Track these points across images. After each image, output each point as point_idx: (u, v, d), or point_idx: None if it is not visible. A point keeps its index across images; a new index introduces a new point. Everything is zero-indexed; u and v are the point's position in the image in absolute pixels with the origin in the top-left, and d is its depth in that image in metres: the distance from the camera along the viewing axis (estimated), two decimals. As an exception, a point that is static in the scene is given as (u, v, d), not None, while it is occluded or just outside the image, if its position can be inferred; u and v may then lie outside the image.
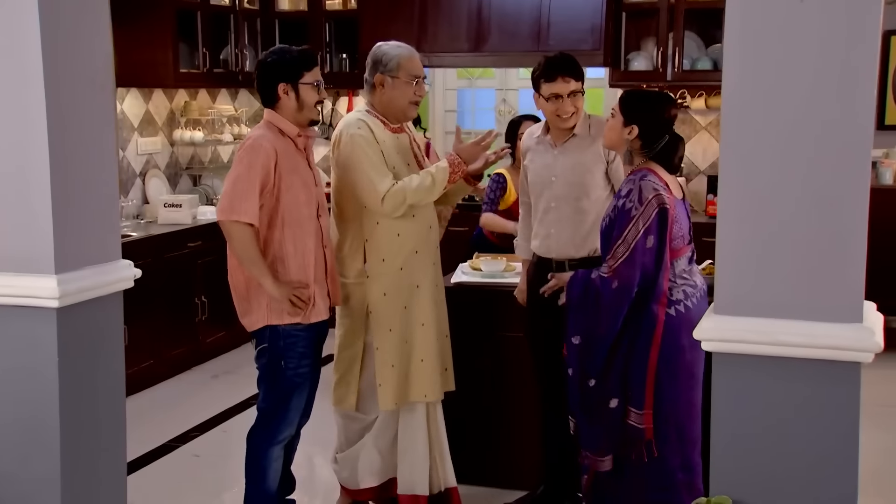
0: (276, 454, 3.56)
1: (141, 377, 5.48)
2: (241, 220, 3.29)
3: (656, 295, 3.17)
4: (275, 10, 6.94)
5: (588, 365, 3.26)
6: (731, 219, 2.29)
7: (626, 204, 3.17)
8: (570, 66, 3.62)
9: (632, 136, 3.26)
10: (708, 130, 6.51)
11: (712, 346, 2.32)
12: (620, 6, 6.29)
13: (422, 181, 3.51)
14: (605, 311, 3.20)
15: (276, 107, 3.44)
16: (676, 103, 3.37)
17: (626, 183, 3.25)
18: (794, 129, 2.22)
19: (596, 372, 3.24)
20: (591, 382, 3.26)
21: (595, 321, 3.23)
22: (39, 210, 2.66)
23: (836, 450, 2.26)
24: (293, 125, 3.44)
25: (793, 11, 2.19)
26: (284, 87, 3.41)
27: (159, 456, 4.62)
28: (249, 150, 3.35)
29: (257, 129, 3.46)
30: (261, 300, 3.41)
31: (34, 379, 2.71)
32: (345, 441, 3.84)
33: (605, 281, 3.19)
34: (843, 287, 2.22)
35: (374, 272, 3.61)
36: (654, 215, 3.14)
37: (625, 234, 3.15)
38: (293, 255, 3.41)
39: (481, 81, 7.46)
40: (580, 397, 3.30)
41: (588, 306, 3.25)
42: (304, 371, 3.50)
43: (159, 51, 5.97)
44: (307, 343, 3.49)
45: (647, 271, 3.16)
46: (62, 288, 2.66)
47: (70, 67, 2.69)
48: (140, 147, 6.28)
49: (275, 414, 3.51)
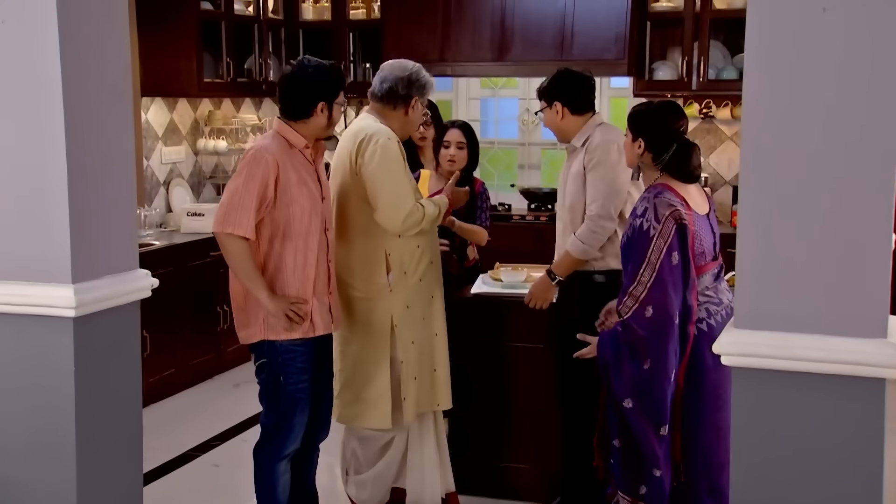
0: (283, 468, 3.53)
1: (162, 386, 5.49)
2: (235, 232, 3.24)
3: (689, 314, 3.10)
4: (299, 20, 6.96)
5: (657, 413, 3.13)
6: (751, 231, 2.25)
7: (644, 224, 3.09)
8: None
9: (640, 151, 3.23)
10: (733, 141, 6.44)
11: (731, 361, 2.28)
12: (645, 15, 6.24)
13: (434, 210, 3.58)
14: (650, 344, 3.07)
15: (305, 122, 3.38)
16: (682, 111, 3.36)
17: (641, 201, 3.19)
18: (816, 141, 2.18)
19: (662, 414, 3.14)
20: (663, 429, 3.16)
21: (641, 365, 3.10)
22: (57, 219, 2.66)
23: (860, 468, 2.21)
24: (301, 137, 3.39)
25: (814, 22, 2.15)
26: (323, 105, 3.37)
27: (179, 465, 4.62)
28: (251, 161, 3.31)
29: (263, 140, 3.42)
30: (258, 314, 3.37)
31: (50, 389, 2.71)
32: (363, 462, 3.80)
33: (632, 319, 3.09)
34: (867, 301, 2.17)
35: (398, 285, 3.58)
36: (674, 231, 3.06)
37: (648, 256, 3.06)
38: (293, 268, 3.36)
39: (504, 91, 7.43)
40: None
41: (624, 358, 3.14)
42: (303, 386, 3.44)
43: (183, 60, 5.99)
44: (306, 358, 3.43)
45: (679, 291, 3.08)
46: (79, 297, 2.65)
47: (89, 75, 2.70)
48: (164, 156, 6.31)
49: (279, 429, 3.48)
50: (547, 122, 3.82)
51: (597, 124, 3.70)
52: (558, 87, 3.74)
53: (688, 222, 3.09)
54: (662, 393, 3.08)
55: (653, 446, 3.11)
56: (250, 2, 6.53)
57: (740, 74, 6.04)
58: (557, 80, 3.76)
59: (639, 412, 3.12)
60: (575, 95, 3.72)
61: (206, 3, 6.12)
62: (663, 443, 3.13)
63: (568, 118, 3.71)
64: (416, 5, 6.52)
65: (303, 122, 3.39)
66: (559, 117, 3.73)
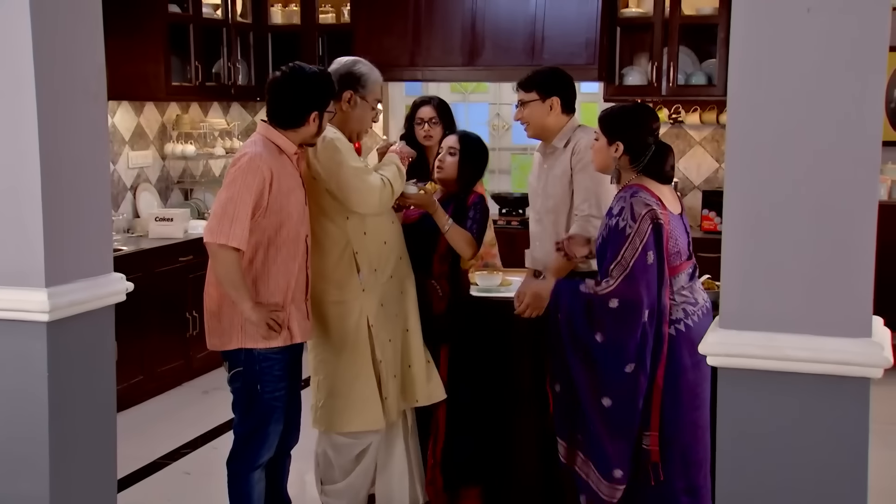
0: (258, 477, 3.47)
1: (131, 393, 5.41)
2: (228, 244, 3.17)
3: (662, 314, 3.12)
4: (268, 24, 6.91)
5: (602, 384, 3.16)
6: (736, 232, 2.26)
7: (620, 223, 3.11)
8: (523, 78, 3.68)
9: (618, 154, 3.23)
10: (702, 145, 6.49)
11: (717, 361, 2.28)
12: (615, 21, 6.28)
13: (393, 168, 3.55)
14: (608, 328, 3.12)
15: (295, 130, 3.33)
16: (655, 113, 3.40)
17: (617, 201, 3.20)
18: (800, 143, 2.19)
19: (612, 392, 3.15)
20: (607, 402, 3.16)
21: (593, 334, 3.16)
22: (30, 222, 2.61)
23: (844, 468, 2.22)
24: (291, 143, 3.34)
25: (799, 22, 2.16)
26: (315, 115, 3.33)
27: (149, 473, 4.54)
28: (245, 171, 3.22)
29: (252, 146, 3.32)
30: (234, 321, 3.31)
31: (23, 394, 2.66)
32: (338, 471, 3.72)
33: (602, 298, 3.13)
34: (851, 301, 2.19)
35: (369, 284, 3.55)
36: (650, 231, 3.08)
37: (622, 253, 3.08)
38: (275, 275, 3.31)
39: (475, 96, 7.44)
40: (599, 418, 3.19)
41: (578, 313, 3.17)
42: (280, 394, 3.40)
43: (151, 64, 5.92)
44: (283, 366, 3.39)
45: (652, 289, 3.10)
46: (52, 301, 2.61)
47: (63, 77, 2.66)
48: (131, 161, 6.23)
49: (253, 438, 3.41)
50: (530, 116, 3.64)
51: (576, 126, 3.68)
52: (557, 81, 3.65)
53: (663, 222, 3.12)
54: (615, 373, 3.12)
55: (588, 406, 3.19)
56: (218, 5, 6.47)
57: (709, 80, 6.14)
58: (555, 75, 3.68)
59: (583, 374, 3.18)
60: (570, 94, 3.68)
61: (173, 6, 6.05)
62: (605, 413, 3.16)
63: (557, 115, 3.63)
64: (386, 9, 6.50)
65: (293, 130, 3.33)
66: (550, 112, 3.63)
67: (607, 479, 3.19)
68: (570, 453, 3.34)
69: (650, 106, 3.43)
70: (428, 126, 4.28)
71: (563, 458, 3.36)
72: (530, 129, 3.68)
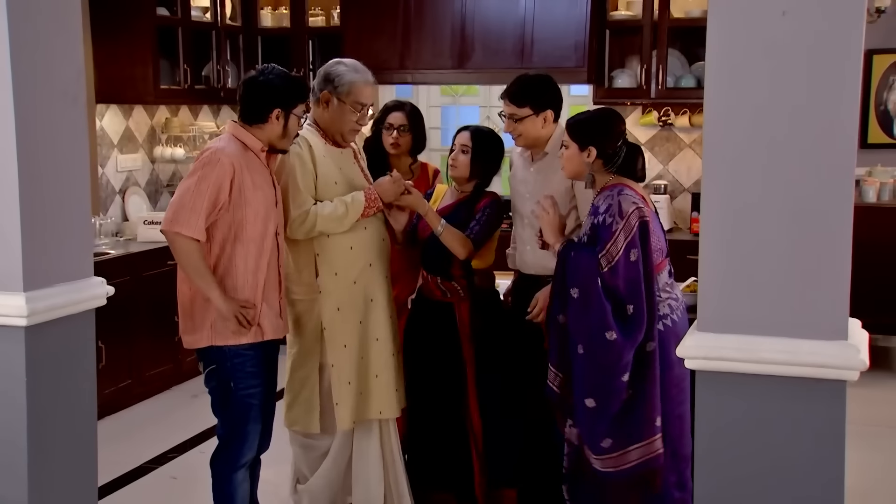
0: (242, 477, 3.47)
1: (119, 397, 5.40)
2: (183, 232, 3.19)
3: (652, 312, 3.13)
4: (257, 27, 6.90)
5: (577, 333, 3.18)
6: (713, 235, 2.26)
7: (606, 219, 3.13)
8: (512, 91, 3.61)
9: (591, 159, 3.26)
10: (692, 148, 6.49)
11: (695, 364, 2.28)
12: (604, 23, 6.28)
13: (334, 209, 3.45)
14: (594, 301, 3.13)
15: (260, 127, 3.34)
16: (621, 116, 3.44)
17: (602, 198, 3.22)
18: (777, 146, 2.19)
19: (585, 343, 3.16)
20: (581, 350, 3.16)
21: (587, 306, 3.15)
22: (7, 226, 2.60)
23: (822, 469, 2.23)
24: (256, 140, 3.35)
25: (774, 26, 2.16)
26: (278, 112, 3.32)
27: (136, 478, 4.53)
28: (206, 163, 3.25)
29: (218, 141, 3.36)
30: (205, 318, 3.31)
31: (1, 400, 2.64)
32: (306, 470, 3.73)
33: (602, 274, 3.13)
34: (828, 304, 2.19)
35: (327, 287, 3.53)
36: (636, 228, 3.11)
37: (607, 248, 3.11)
38: (243, 272, 3.31)
39: (465, 98, 7.44)
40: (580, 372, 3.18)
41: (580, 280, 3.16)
42: (255, 391, 3.39)
43: (139, 67, 5.91)
44: (256, 362, 3.38)
45: (635, 285, 3.11)
46: (31, 306, 2.60)
47: (41, 79, 2.65)
48: (120, 164, 6.21)
49: (234, 438, 3.42)
50: (523, 130, 3.58)
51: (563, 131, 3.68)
52: (549, 94, 3.61)
53: (649, 219, 3.15)
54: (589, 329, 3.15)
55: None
56: (207, 8, 6.46)
57: (698, 82, 6.14)
58: (546, 86, 3.61)
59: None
60: (561, 103, 3.66)
61: (162, 9, 6.05)
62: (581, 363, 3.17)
63: (549, 126, 3.61)
64: (376, 12, 6.49)
65: (258, 127, 3.35)
66: (543, 125, 3.59)
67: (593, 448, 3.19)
68: (563, 384, 3.28)
69: (615, 109, 3.46)
70: (397, 133, 4.12)
71: (556, 386, 3.29)
72: (522, 140, 3.63)
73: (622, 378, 3.11)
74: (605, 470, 3.17)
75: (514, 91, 3.59)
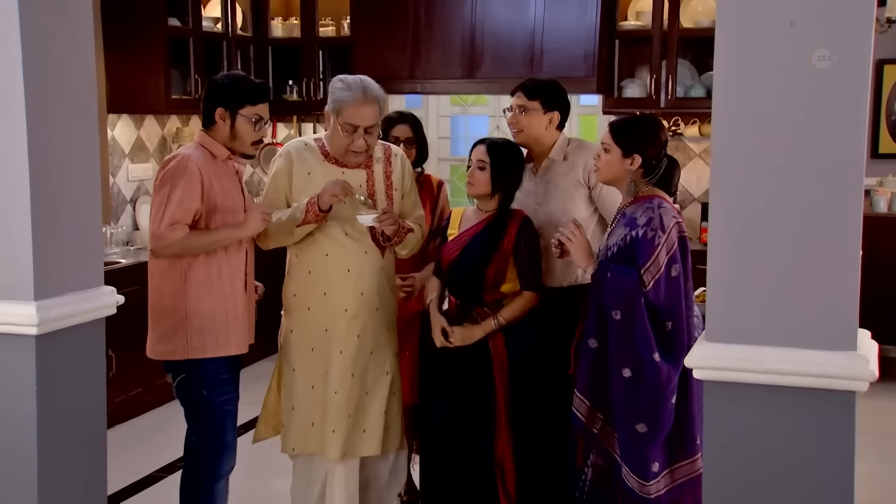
0: (221, 488, 3.46)
1: (128, 406, 5.41)
2: (171, 238, 3.19)
3: (689, 326, 3.10)
4: (268, 37, 6.93)
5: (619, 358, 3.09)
6: (721, 245, 2.25)
7: (648, 233, 3.07)
8: (526, 84, 3.62)
9: (634, 167, 3.19)
10: (702, 158, 6.49)
11: (703, 375, 2.28)
12: (614, 33, 6.29)
13: (278, 217, 3.35)
14: (639, 324, 3.05)
15: (211, 130, 3.37)
16: (664, 125, 3.38)
17: (641, 210, 3.14)
18: (785, 156, 2.19)
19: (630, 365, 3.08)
20: (626, 372, 3.09)
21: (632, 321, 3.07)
22: (19, 235, 2.61)
23: (831, 481, 2.22)
24: (222, 148, 3.35)
25: (782, 36, 2.16)
26: (222, 112, 3.32)
27: (145, 486, 4.53)
28: (174, 172, 3.24)
29: (185, 149, 3.36)
30: (182, 332, 3.30)
31: (11, 409, 2.66)
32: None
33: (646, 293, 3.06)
34: (837, 314, 2.18)
35: (287, 306, 3.50)
36: (677, 243, 3.08)
37: (649, 263, 3.05)
38: (217, 279, 3.31)
39: (475, 108, 7.45)
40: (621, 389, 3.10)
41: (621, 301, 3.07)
42: (229, 397, 3.40)
43: (151, 77, 5.94)
44: (227, 369, 3.38)
45: (675, 301, 3.07)
46: (41, 315, 2.61)
47: (53, 90, 2.66)
48: (131, 173, 6.24)
49: (214, 447, 3.40)
50: (528, 124, 3.57)
51: (567, 140, 3.68)
52: (560, 97, 3.61)
53: (687, 235, 3.13)
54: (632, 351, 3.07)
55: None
56: (219, 18, 6.49)
57: (708, 92, 6.13)
58: (557, 89, 3.63)
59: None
60: (568, 112, 3.67)
61: (173, 19, 6.08)
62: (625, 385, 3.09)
63: (552, 130, 3.61)
64: (386, 23, 6.52)
65: (211, 130, 3.36)
66: (548, 126, 3.60)
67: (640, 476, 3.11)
68: (591, 413, 3.20)
69: (658, 118, 3.41)
70: (404, 146, 3.83)
71: (583, 416, 3.20)
72: (522, 136, 3.61)
73: (672, 400, 3.07)
74: (655, 495, 3.09)
75: (527, 84, 3.64)
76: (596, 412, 3.17)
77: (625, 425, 3.09)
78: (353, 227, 3.38)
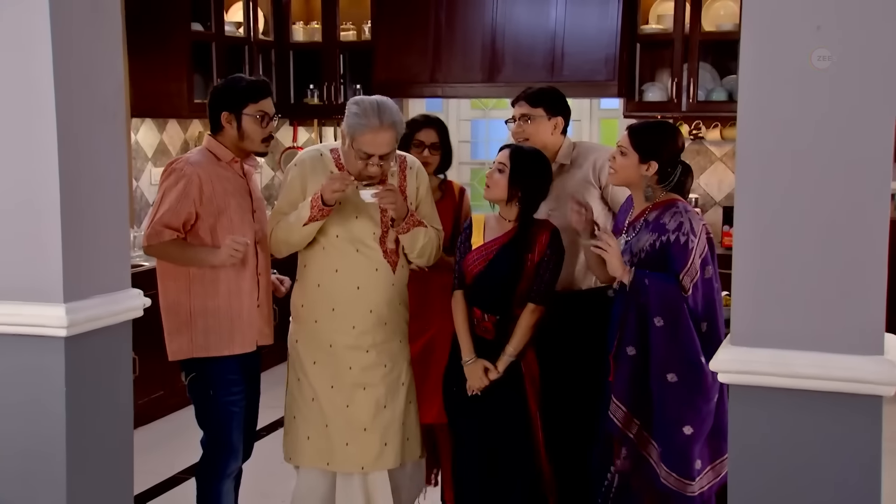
0: (227, 488, 3.48)
1: (152, 408, 5.45)
2: (161, 240, 3.30)
3: (720, 326, 3.14)
4: (289, 42, 6.97)
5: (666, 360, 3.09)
6: (746, 248, 2.25)
7: (681, 237, 3.08)
8: (527, 93, 3.68)
9: (650, 173, 3.20)
10: (723, 161, 6.47)
11: (728, 378, 2.28)
12: (635, 37, 6.29)
13: (286, 218, 3.34)
14: (684, 327, 3.06)
15: (220, 135, 3.42)
16: (680, 131, 3.41)
17: (669, 216, 3.14)
18: (811, 159, 2.18)
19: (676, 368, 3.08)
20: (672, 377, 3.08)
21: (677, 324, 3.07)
22: (49, 238, 2.63)
23: (857, 486, 2.20)
24: (227, 151, 3.41)
25: (808, 40, 2.16)
26: (227, 116, 3.38)
27: (169, 488, 4.57)
28: (169, 174, 3.35)
29: (189, 154, 3.46)
30: (187, 331, 3.37)
31: (41, 409, 2.67)
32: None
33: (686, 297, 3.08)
34: (863, 318, 2.17)
35: (294, 315, 3.51)
36: (707, 245, 3.12)
37: (687, 267, 3.07)
38: (225, 279, 3.35)
39: (495, 112, 7.46)
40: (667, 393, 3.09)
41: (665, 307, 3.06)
42: (236, 398, 3.42)
43: (174, 81, 5.99)
44: (236, 369, 3.41)
45: (711, 302, 3.10)
46: (70, 317, 2.63)
47: (82, 94, 2.68)
48: (154, 177, 6.28)
49: (218, 447, 3.43)
50: (535, 132, 3.60)
51: (572, 144, 3.70)
52: (562, 103, 3.68)
53: (712, 235, 3.18)
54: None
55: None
56: (241, 23, 6.54)
57: (729, 96, 6.12)
58: (559, 96, 3.70)
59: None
60: (569, 118, 3.72)
61: (196, 24, 6.13)
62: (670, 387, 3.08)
63: (557, 136, 3.66)
64: (407, 27, 6.54)
65: (221, 135, 3.42)
66: (553, 131, 3.65)
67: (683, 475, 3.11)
68: (627, 418, 3.18)
69: (674, 125, 3.45)
70: (429, 152, 3.76)
71: (619, 421, 3.18)
72: (529, 144, 3.58)
73: (715, 400, 3.09)
74: (699, 492, 3.10)
75: (528, 93, 3.70)
76: (633, 417, 3.17)
77: (669, 429, 3.09)
78: (364, 244, 3.36)
